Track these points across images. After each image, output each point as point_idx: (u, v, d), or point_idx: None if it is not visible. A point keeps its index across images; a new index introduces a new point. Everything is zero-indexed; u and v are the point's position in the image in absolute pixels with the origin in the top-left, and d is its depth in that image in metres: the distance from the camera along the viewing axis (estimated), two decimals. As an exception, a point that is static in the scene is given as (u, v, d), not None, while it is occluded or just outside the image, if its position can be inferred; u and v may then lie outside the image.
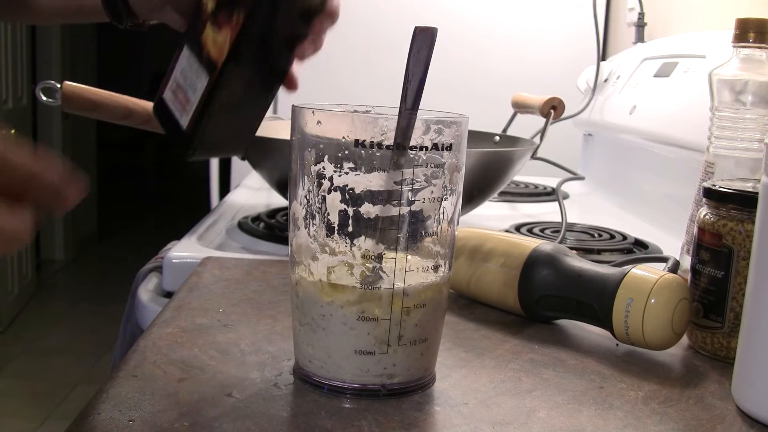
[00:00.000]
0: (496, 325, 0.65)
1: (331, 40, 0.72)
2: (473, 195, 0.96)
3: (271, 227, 0.97)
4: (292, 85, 0.72)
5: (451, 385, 0.52)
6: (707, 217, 0.60)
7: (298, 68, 0.72)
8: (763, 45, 0.68)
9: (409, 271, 0.48)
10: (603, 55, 1.70)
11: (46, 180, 0.39)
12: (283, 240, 0.92)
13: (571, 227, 1.03)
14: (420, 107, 0.46)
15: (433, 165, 0.47)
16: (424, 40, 0.46)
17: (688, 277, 0.62)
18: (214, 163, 2.00)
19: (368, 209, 0.47)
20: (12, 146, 0.38)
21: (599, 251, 0.91)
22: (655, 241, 0.98)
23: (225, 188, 1.91)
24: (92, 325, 3.26)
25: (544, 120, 1.10)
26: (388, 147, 0.46)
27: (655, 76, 1.23)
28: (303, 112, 0.48)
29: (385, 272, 0.47)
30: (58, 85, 0.86)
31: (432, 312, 0.50)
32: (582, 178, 1.37)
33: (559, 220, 1.00)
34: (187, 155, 0.67)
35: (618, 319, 0.58)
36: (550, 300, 0.64)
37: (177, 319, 0.61)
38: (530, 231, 0.99)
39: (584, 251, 0.89)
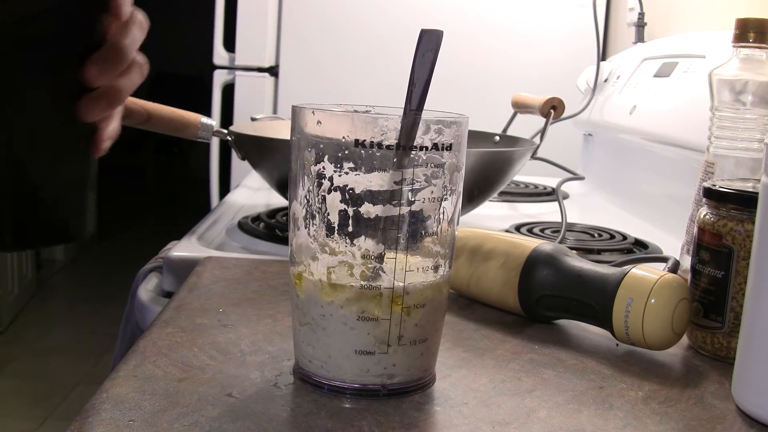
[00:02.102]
0: (496, 325, 0.65)
1: (332, 40, 0.72)
2: (473, 195, 0.96)
3: (271, 227, 0.97)
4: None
5: (451, 385, 0.52)
6: (707, 217, 0.60)
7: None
8: (763, 45, 0.68)
9: (409, 270, 0.48)
10: (603, 55, 1.70)
11: None
12: (283, 240, 0.92)
13: (571, 227, 1.03)
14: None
15: (433, 165, 0.47)
16: (429, 43, 0.46)
17: (688, 277, 0.62)
18: (214, 163, 2.01)
19: (368, 209, 0.47)
20: None
21: (599, 251, 0.91)
22: (655, 241, 0.98)
23: (225, 188, 1.92)
24: (92, 325, 3.26)
25: (544, 120, 1.10)
26: (388, 147, 0.46)
27: (655, 76, 1.22)
28: (303, 112, 0.48)
29: (385, 272, 0.47)
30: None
31: (432, 312, 0.50)
32: (582, 178, 1.37)
33: (559, 220, 1.00)
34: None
35: (618, 319, 0.58)
36: (550, 300, 0.64)
37: (177, 319, 0.61)
38: (530, 231, 0.99)
39: (584, 251, 0.89)
